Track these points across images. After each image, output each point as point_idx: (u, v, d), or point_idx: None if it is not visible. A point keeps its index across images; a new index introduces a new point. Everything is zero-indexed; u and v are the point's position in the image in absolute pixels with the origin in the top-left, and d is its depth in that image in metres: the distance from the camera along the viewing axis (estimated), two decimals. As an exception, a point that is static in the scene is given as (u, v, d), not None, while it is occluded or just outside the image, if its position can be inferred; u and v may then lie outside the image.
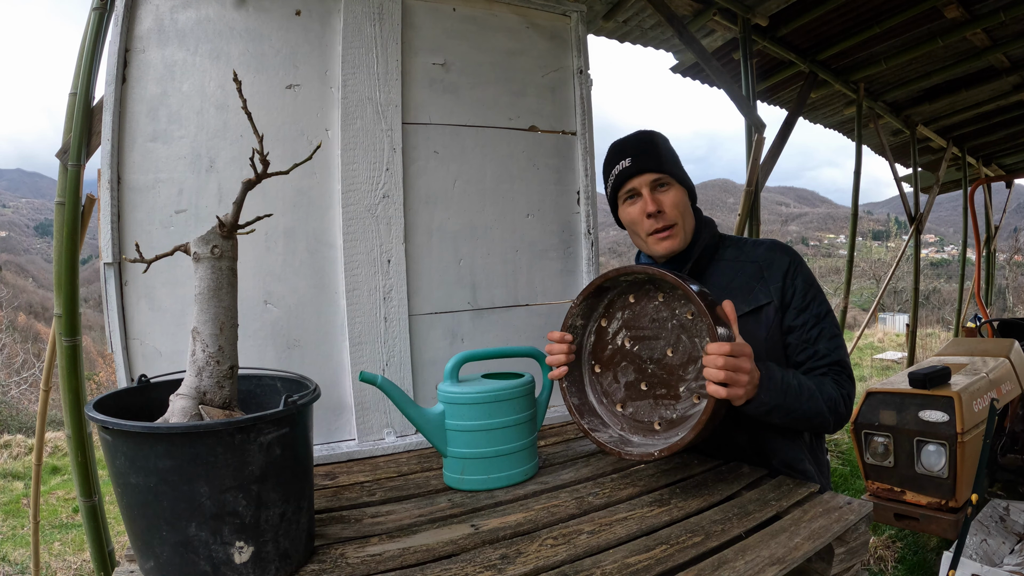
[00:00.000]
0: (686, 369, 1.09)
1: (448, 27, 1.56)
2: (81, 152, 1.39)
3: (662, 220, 1.17)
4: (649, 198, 1.17)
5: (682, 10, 3.13)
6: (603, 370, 1.18)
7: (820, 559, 0.90)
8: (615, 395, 1.17)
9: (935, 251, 46.29)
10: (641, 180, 1.17)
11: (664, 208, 1.17)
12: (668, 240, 1.18)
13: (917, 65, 4.06)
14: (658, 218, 1.17)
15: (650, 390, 1.13)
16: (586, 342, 1.19)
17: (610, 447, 1.09)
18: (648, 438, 1.11)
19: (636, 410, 1.14)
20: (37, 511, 2.00)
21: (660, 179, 1.17)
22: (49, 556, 3.40)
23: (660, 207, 1.17)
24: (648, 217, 1.17)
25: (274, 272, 1.36)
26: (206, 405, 0.81)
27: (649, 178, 1.17)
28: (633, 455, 1.06)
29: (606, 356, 1.18)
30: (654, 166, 1.17)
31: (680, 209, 1.18)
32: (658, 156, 1.18)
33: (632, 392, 1.15)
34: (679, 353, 1.10)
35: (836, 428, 1.12)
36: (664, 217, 1.17)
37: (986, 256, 6.35)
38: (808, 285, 1.16)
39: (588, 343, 1.19)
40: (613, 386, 1.17)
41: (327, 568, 0.80)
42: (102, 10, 1.34)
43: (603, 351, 1.18)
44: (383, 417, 1.42)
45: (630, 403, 1.15)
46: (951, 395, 2.32)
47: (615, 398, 1.17)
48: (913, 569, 2.68)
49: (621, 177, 1.19)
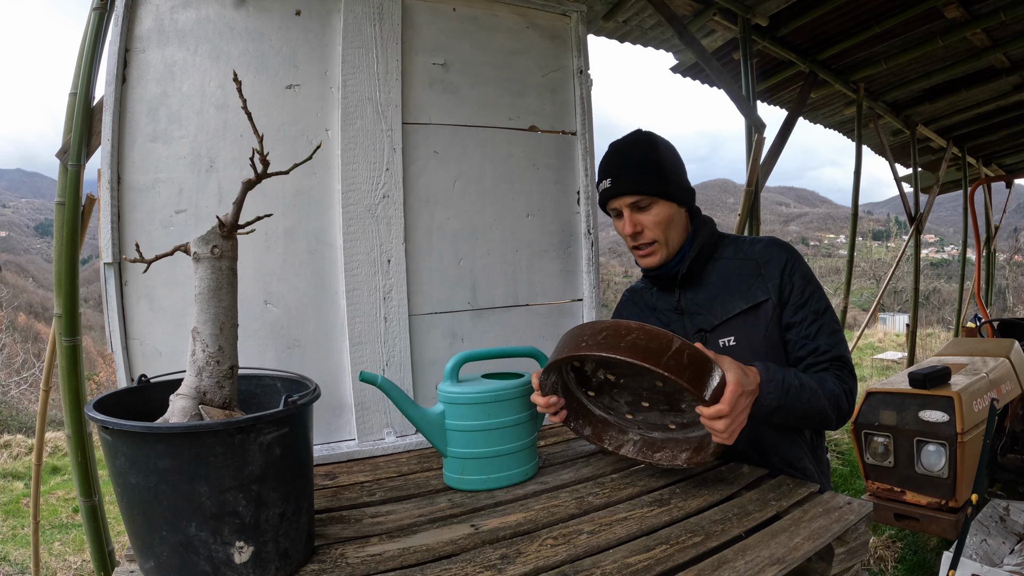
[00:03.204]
0: (682, 395, 1.07)
1: (448, 27, 1.56)
2: (81, 152, 1.39)
3: (641, 239, 1.20)
4: (628, 219, 1.19)
5: (682, 10, 3.13)
6: (598, 395, 1.16)
7: (820, 559, 0.90)
8: (620, 408, 1.16)
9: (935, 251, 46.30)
10: (620, 202, 1.19)
11: (644, 228, 1.19)
12: (649, 257, 1.21)
13: (917, 65, 4.06)
14: (637, 238, 1.20)
15: (653, 406, 1.12)
16: (568, 380, 1.13)
17: (640, 459, 1.11)
18: (668, 433, 1.11)
19: (646, 416, 1.14)
20: (37, 511, 2.00)
21: (639, 200, 1.18)
22: (49, 556, 3.40)
23: (639, 228, 1.19)
24: (629, 236, 1.21)
25: (274, 272, 1.36)
26: (206, 405, 0.80)
27: (628, 200, 1.18)
28: (662, 463, 1.08)
29: (595, 385, 1.15)
30: (631, 189, 1.17)
31: (662, 226, 1.18)
32: (638, 176, 1.17)
33: (635, 408, 1.14)
34: (669, 383, 1.04)
35: (839, 424, 1.12)
36: (643, 236, 1.19)
37: (986, 256, 6.35)
38: (806, 281, 1.16)
39: (571, 379, 1.14)
40: (615, 403, 1.16)
41: (327, 568, 0.80)
42: (102, 10, 1.34)
43: (589, 384, 1.15)
44: (383, 417, 1.42)
45: (638, 413, 1.14)
46: (951, 395, 2.32)
47: (621, 411, 1.16)
48: (913, 569, 2.68)
49: (603, 197, 1.23)
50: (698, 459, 1.04)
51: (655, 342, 0.89)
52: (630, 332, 0.91)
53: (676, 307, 1.24)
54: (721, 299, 1.18)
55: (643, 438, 1.12)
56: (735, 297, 1.17)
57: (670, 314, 1.25)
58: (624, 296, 1.40)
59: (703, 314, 1.20)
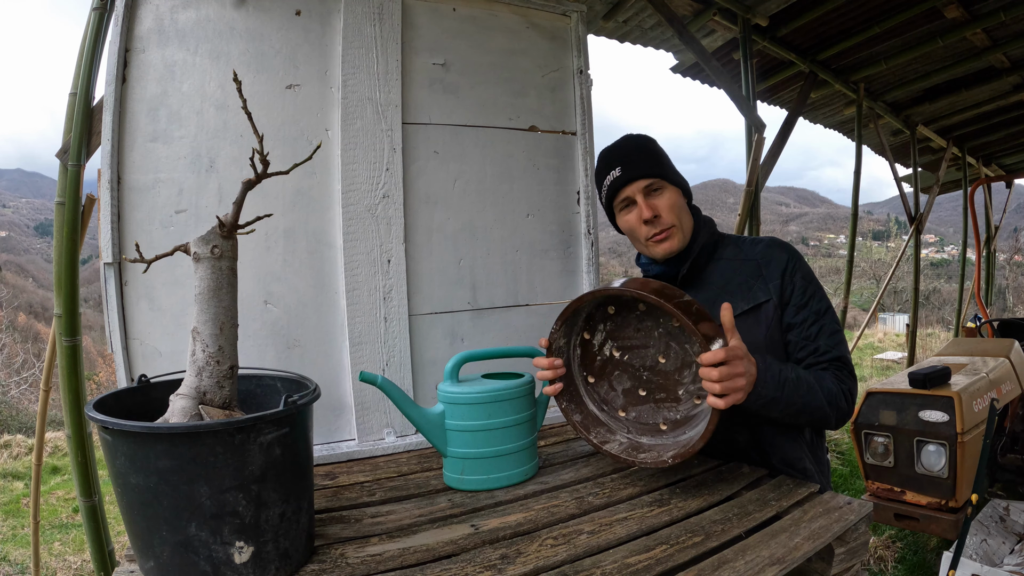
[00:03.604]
0: (681, 374, 1.08)
1: (448, 27, 1.56)
2: (81, 152, 1.39)
3: (659, 224, 1.18)
4: (644, 204, 1.17)
5: (682, 10, 3.13)
6: (597, 380, 1.17)
7: (820, 559, 0.90)
8: (615, 402, 1.16)
9: (935, 251, 46.29)
10: (633, 188, 1.18)
11: (660, 212, 1.18)
12: (667, 242, 1.19)
13: (917, 65, 4.06)
14: (655, 223, 1.18)
15: (649, 395, 1.13)
16: (573, 355, 1.17)
17: (623, 457, 1.09)
18: (657, 438, 1.10)
19: (639, 414, 1.14)
20: (37, 511, 2.00)
21: (652, 184, 1.18)
22: (49, 556, 3.40)
23: (656, 212, 1.17)
24: (645, 223, 1.18)
25: (274, 272, 1.36)
26: (206, 405, 0.81)
27: (641, 184, 1.17)
28: (647, 463, 1.06)
29: (596, 367, 1.17)
30: (644, 172, 1.17)
31: (676, 210, 1.19)
32: (646, 161, 1.18)
33: (631, 398, 1.15)
34: (671, 359, 1.09)
35: (838, 424, 1.11)
36: (660, 221, 1.18)
37: (986, 256, 6.35)
38: (807, 282, 1.16)
39: (575, 356, 1.17)
40: (611, 394, 1.16)
41: (327, 568, 0.80)
42: (102, 10, 1.34)
43: (592, 362, 1.17)
44: (383, 417, 1.42)
45: (632, 408, 1.15)
46: (951, 395, 2.32)
47: (615, 405, 1.16)
48: (913, 569, 2.68)
49: (613, 187, 1.20)
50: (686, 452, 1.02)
51: (670, 290, 1.00)
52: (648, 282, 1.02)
53: (677, 307, 1.24)
54: (722, 299, 1.18)
55: (630, 442, 1.12)
56: (736, 298, 1.17)
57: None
58: (625, 296, 1.40)
59: (703, 314, 1.20)
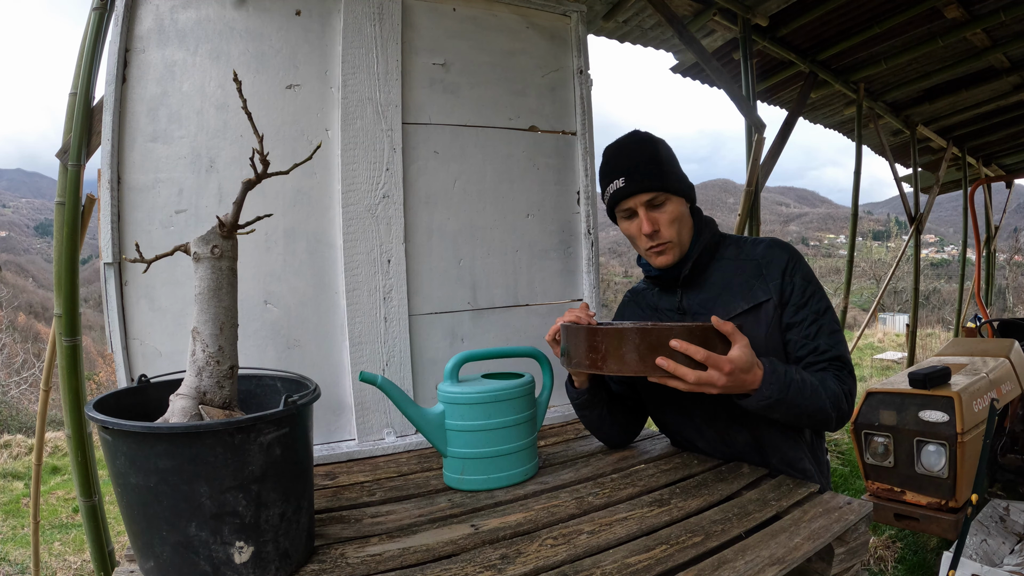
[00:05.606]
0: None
1: (448, 27, 1.56)
2: (81, 152, 1.39)
3: (658, 238, 1.18)
4: (645, 218, 1.17)
5: (682, 10, 3.13)
6: None
7: (820, 559, 0.90)
8: None
9: (935, 251, 46.30)
10: (636, 201, 1.17)
11: (660, 227, 1.17)
12: (663, 256, 1.20)
13: (917, 65, 4.06)
14: (654, 237, 1.18)
15: None
16: None
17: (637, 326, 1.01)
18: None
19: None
20: (37, 511, 2.00)
21: (655, 198, 1.16)
22: (49, 556, 3.40)
23: (656, 226, 1.17)
24: (645, 235, 1.18)
25: (274, 272, 1.36)
26: (206, 405, 0.81)
27: (644, 198, 1.16)
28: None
29: None
30: (647, 186, 1.16)
31: (676, 224, 1.18)
32: (652, 173, 1.16)
33: None
34: None
35: (838, 425, 1.11)
36: (659, 236, 1.18)
37: (986, 256, 6.35)
38: (807, 281, 1.16)
39: None
40: None
41: (327, 568, 0.80)
42: (102, 10, 1.34)
43: None
44: (383, 417, 1.43)
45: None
46: (951, 395, 2.31)
47: None
48: (913, 569, 2.68)
49: (615, 197, 1.20)
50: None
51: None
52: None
53: (678, 307, 1.24)
54: (723, 299, 1.19)
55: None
56: (736, 297, 1.17)
57: (672, 314, 1.25)
58: (626, 297, 1.40)
59: (705, 314, 1.20)
